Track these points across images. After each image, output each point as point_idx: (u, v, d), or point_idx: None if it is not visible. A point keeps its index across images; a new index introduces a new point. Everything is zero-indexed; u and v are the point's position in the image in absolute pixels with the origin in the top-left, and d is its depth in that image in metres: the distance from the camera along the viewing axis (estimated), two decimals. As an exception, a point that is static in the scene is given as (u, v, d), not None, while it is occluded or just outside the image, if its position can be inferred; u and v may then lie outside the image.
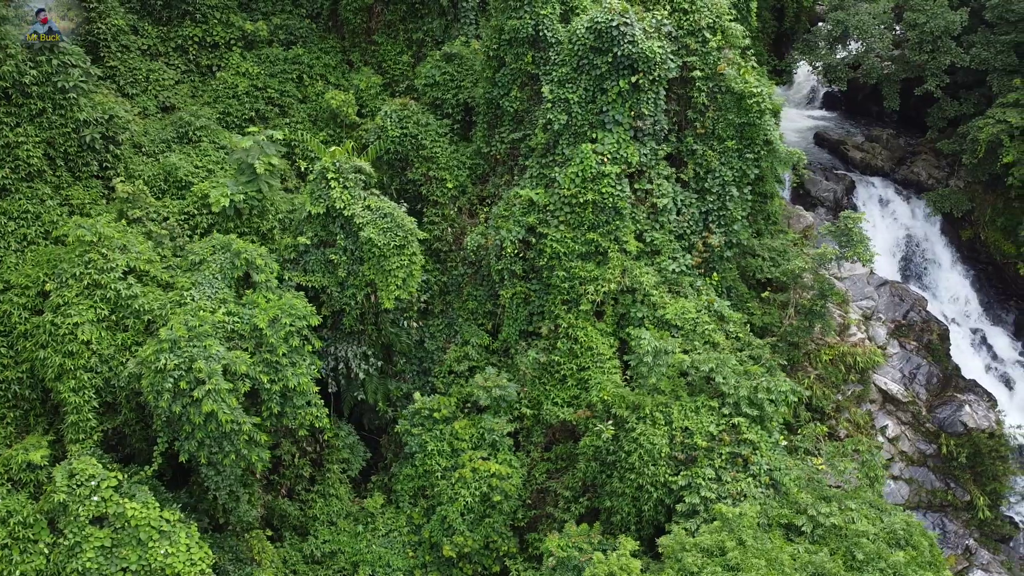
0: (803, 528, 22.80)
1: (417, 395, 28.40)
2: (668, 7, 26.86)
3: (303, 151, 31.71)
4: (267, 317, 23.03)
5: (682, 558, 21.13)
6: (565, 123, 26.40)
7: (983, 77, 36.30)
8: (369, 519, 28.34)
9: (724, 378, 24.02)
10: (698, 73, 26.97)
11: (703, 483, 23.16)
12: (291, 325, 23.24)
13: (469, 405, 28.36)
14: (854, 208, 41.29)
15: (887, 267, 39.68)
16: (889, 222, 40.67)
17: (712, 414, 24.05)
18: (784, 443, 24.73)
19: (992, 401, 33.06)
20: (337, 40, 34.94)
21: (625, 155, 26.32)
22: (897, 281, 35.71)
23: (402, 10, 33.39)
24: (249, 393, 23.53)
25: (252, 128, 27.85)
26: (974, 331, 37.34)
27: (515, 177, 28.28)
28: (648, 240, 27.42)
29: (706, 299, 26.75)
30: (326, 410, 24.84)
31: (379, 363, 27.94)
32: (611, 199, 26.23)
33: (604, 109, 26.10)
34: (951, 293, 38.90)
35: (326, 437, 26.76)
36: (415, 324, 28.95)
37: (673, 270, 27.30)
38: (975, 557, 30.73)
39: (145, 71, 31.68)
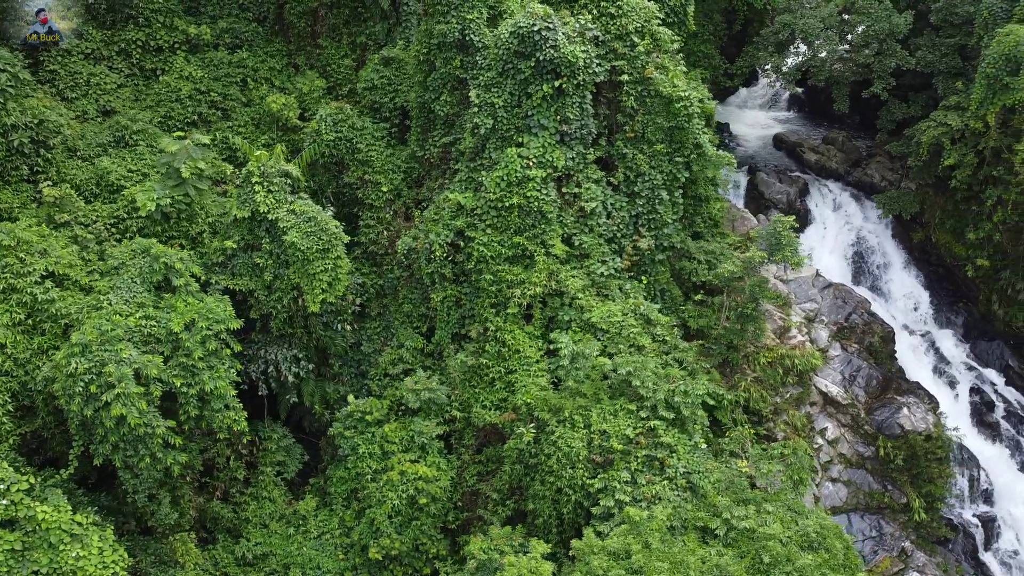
0: (717, 531, 22.92)
1: (351, 398, 28.55)
2: (595, 11, 26.95)
3: (245, 155, 31.83)
4: (183, 321, 23.15)
5: (589, 561, 21.25)
6: (491, 127, 26.51)
7: (930, 79, 36.39)
8: (301, 522, 28.48)
9: (642, 381, 24.12)
10: (626, 77, 27.07)
11: (618, 486, 23.27)
12: (208, 329, 23.38)
13: (402, 408, 28.48)
14: (807, 210, 41.52)
15: (839, 269, 39.81)
16: (842, 224, 40.79)
17: (630, 417, 24.16)
18: (705, 446, 24.80)
19: (933, 403, 33.14)
20: (283, 43, 35.04)
21: (551, 159, 26.43)
22: (842, 283, 35.80)
23: (345, 14, 33.55)
24: (170, 397, 23.67)
25: (179, 133, 27.95)
26: (922, 333, 37.41)
27: (448, 180, 28.39)
28: (577, 243, 27.52)
29: (633, 302, 26.83)
30: (244, 413, 24.95)
31: (310, 366, 28.05)
32: (536, 203, 26.34)
33: (529, 113, 26.21)
34: (902, 295, 38.98)
35: (246, 439, 26.79)
36: (349, 327, 29.05)
37: (602, 273, 27.40)
38: (911, 559, 30.82)
39: (86, 75, 31.80)
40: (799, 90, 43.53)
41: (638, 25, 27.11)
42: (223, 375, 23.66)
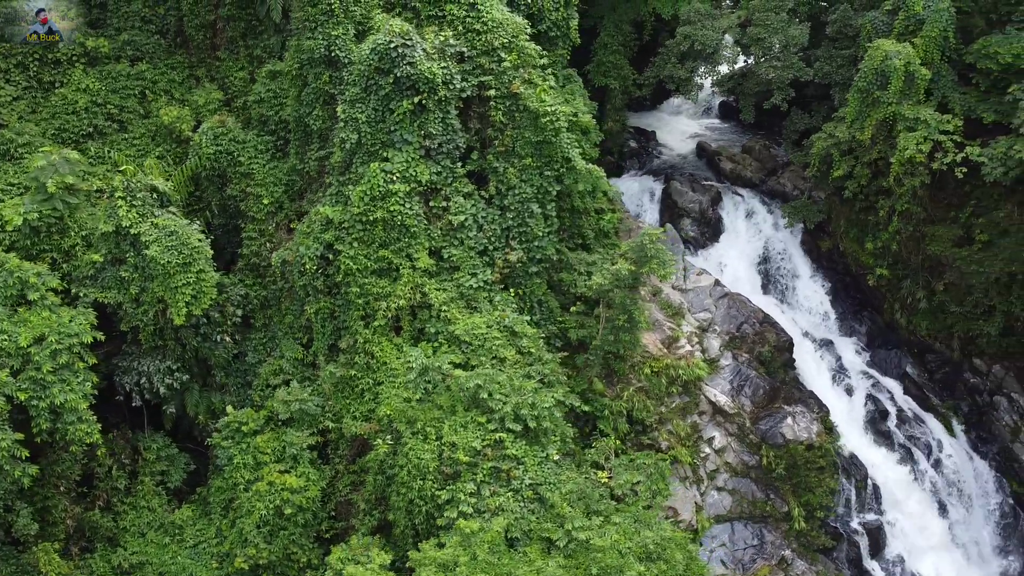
0: (559, 542, 23.27)
1: (229, 408, 28.95)
2: (461, 27, 27.28)
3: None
4: (32, 335, 23.54)
5: (419, 572, 21.61)
6: (357, 142, 26.88)
7: (828, 91, 36.73)
8: (178, 531, 28.85)
9: (490, 394, 24.46)
10: (493, 92, 27.41)
11: (463, 497, 23.61)
12: (59, 343, 23.74)
13: (280, 419, 28.83)
14: (719, 219, 41.83)
15: (748, 278, 40.13)
16: (752, 233, 41.10)
17: (479, 429, 24.49)
18: (557, 457, 25.12)
19: (822, 413, 33.44)
20: (184, 56, 35.41)
21: (415, 173, 26.78)
22: (738, 293, 36.06)
23: (242, 27, 33.85)
24: (23, 409, 24.05)
25: (46, 148, 28.32)
26: (824, 342, 37.69)
27: (322, 194, 28.76)
28: (447, 256, 27.86)
29: (499, 314, 27.17)
30: (98, 426, 25.30)
31: (185, 377, 28.41)
32: (400, 216, 26.70)
33: (393, 128, 26.58)
34: (808, 304, 39.29)
35: (101, 451, 27.16)
36: (229, 338, 29.42)
37: (471, 286, 27.73)
38: (791, 567, 31.13)
39: (-21, 88, 32.22)
40: (730, 98, 43.83)
41: (505, 41, 27.44)
42: (76, 388, 24.03)
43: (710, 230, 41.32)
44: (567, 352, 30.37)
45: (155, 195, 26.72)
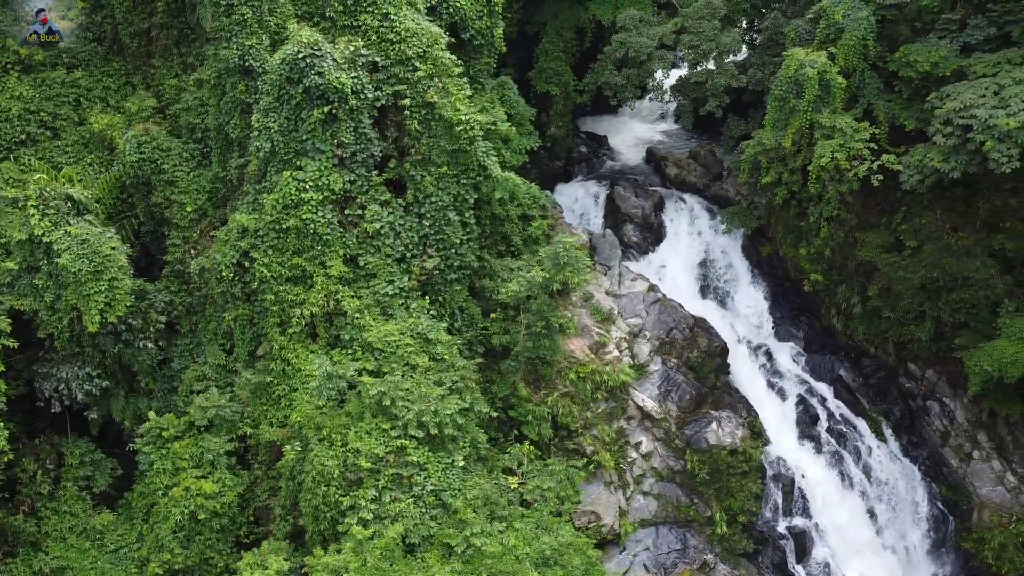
0: (457, 548, 23.51)
1: (151, 414, 29.19)
2: (374, 37, 27.52)
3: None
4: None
5: (311, 578, 21.89)
6: (270, 150, 27.13)
7: (762, 97, 36.93)
8: (99, 536, 29.11)
9: (392, 401, 24.71)
10: (408, 101, 27.65)
11: (364, 504, 23.86)
12: (-37, 350, 24.03)
13: (202, 425, 29.07)
14: (661, 224, 42.06)
15: (688, 283, 40.34)
16: (694, 239, 41.31)
17: (383, 436, 24.74)
18: (462, 463, 25.35)
19: (750, 418, 33.69)
20: (121, 63, 35.64)
21: (328, 182, 27.03)
22: (670, 298, 36.27)
23: (175, 35, 34.01)
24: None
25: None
26: (759, 347, 37.91)
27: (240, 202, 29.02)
28: (363, 264, 28.10)
29: (413, 321, 27.41)
30: (5, 432, 25.54)
31: (104, 383, 28.68)
32: (313, 225, 26.95)
33: (305, 138, 26.81)
34: (747, 309, 39.50)
35: (5, 456, 27.40)
36: (152, 344, 29.68)
37: (387, 293, 27.97)
38: (713, 571, 31.32)
39: (-95, 97, 32.45)
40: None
41: (420, 50, 27.67)
42: (-19, 395, 24.29)
43: (652, 235, 41.54)
44: (492, 358, 30.68)
45: (70, 203, 26.97)
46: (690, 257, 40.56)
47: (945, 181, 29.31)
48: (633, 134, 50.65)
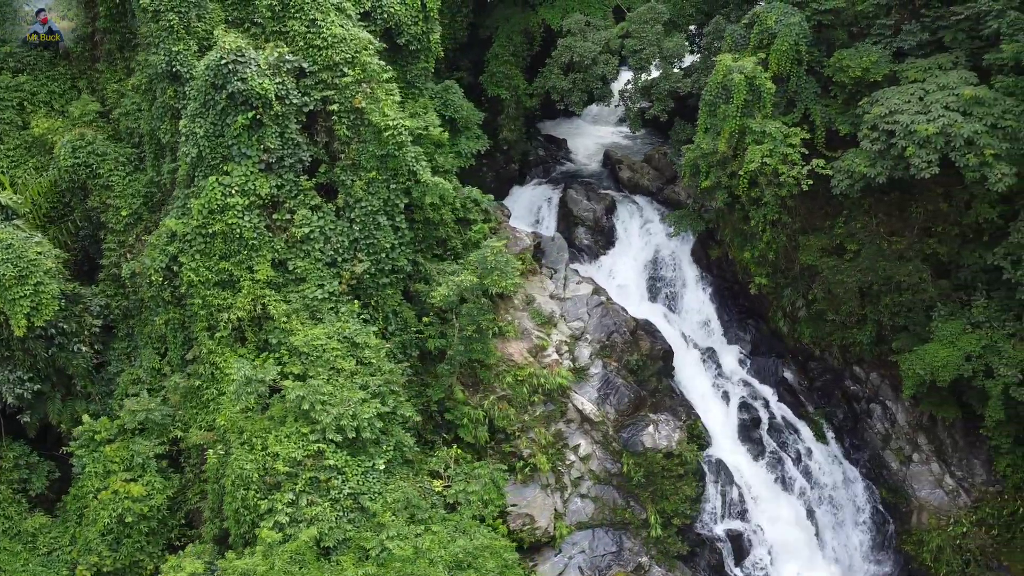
0: (372, 551, 23.67)
1: (85, 417, 29.34)
2: (302, 43, 27.67)
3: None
4: None
5: (220, 581, 22.05)
6: (197, 156, 27.29)
7: (709, 102, 37.02)
8: (31, 538, 29.26)
9: (311, 405, 24.87)
10: (336, 107, 27.80)
11: (280, 507, 24.02)
12: None
13: (135, 428, 29.24)
14: (613, 227, 42.21)
15: (637, 286, 40.45)
16: (645, 242, 41.45)
17: (302, 440, 24.90)
18: (383, 466, 25.50)
19: (689, 421, 33.85)
20: (67, 67, 35.79)
21: (254, 187, 27.19)
22: (612, 302, 36.39)
23: (118, 39, 34.14)
24: None
25: None
26: (705, 350, 38.04)
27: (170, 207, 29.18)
28: (292, 268, 28.25)
29: (340, 325, 27.56)
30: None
31: (36, 387, 28.84)
32: (239, 229, 27.11)
33: (231, 143, 26.97)
34: (694, 312, 39.65)
35: None
36: (87, 348, 29.84)
37: (317, 297, 28.13)
38: (648, 573, 31.45)
39: None
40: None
41: (347, 56, 27.82)
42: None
43: (604, 238, 41.69)
44: (430, 361, 30.83)
45: (-4, 208, 27.17)
46: (640, 260, 40.69)
47: (873, 185, 29.47)
48: (593, 138, 50.83)
